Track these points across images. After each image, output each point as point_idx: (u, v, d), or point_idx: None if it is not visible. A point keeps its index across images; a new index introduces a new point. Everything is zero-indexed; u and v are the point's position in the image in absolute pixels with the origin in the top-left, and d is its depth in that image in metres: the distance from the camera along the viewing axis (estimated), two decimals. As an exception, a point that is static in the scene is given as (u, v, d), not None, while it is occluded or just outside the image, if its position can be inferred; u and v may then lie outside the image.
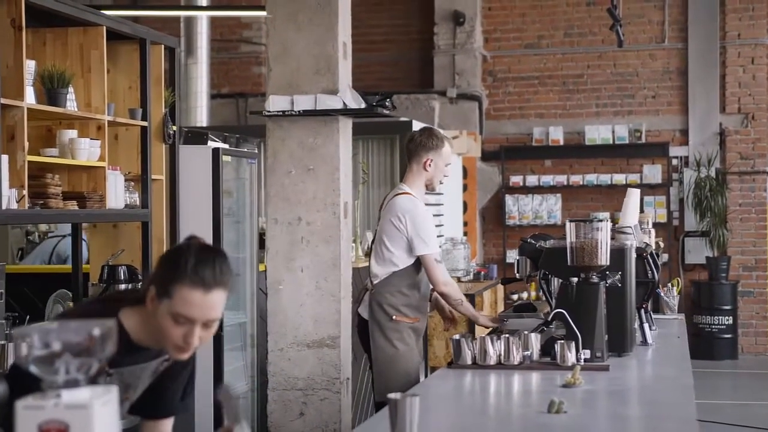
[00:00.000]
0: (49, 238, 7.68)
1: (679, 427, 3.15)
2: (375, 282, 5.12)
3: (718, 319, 12.17)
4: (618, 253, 4.55)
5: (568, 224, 4.47)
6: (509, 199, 12.89)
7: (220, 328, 6.14)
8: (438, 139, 5.21)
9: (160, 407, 2.86)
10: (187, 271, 2.52)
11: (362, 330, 5.26)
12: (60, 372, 1.77)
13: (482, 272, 10.70)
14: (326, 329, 5.65)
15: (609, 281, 4.52)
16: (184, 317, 2.52)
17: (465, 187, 12.28)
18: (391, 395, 2.76)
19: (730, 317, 12.19)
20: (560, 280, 4.59)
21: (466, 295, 9.17)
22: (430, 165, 5.17)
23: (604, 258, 4.40)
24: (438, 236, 10.10)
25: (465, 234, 12.02)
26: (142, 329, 2.63)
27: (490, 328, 5.02)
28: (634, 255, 4.72)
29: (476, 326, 6.38)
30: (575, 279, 4.41)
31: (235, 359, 6.64)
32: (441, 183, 5.36)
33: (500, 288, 11.00)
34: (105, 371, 2.52)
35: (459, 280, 10.33)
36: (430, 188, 5.28)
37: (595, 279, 4.42)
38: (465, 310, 5.17)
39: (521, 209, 12.88)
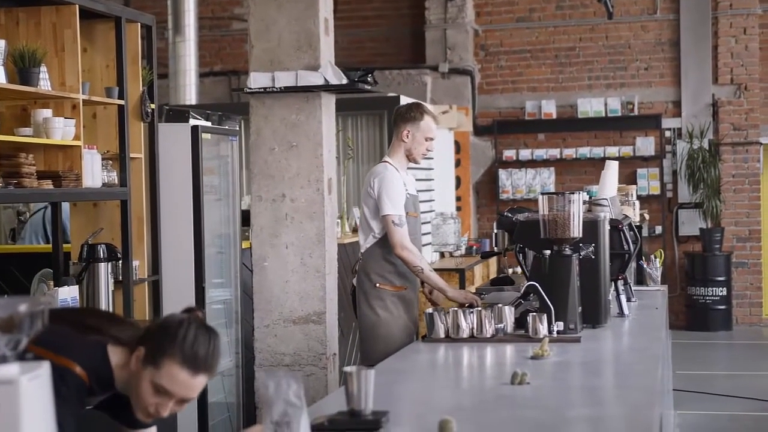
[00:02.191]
0: (34, 214, 7.68)
1: (638, 397, 3.16)
2: (362, 251, 5.23)
3: (712, 291, 12.18)
4: (591, 225, 4.56)
5: (540, 197, 4.48)
6: (503, 174, 12.89)
7: (202, 304, 6.16)
8: (417, 111, 5.25)
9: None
10: (182, 349, 2.53)
11: (353, 297, 5.38)
12: (-12, 348, 1.78)
13: (475, 246, 10.73)
14: (312, 305, 5.66)
15: (582, 253, 4.52)
16: (165, 391, 2.54)
17: (458, 162, 12.28)
18: (346, 368, 2.78)
19: (724, 288, 12.20)
20: (534, 253, 4.59)
21: (457, 270, 9.25)
22: (407, 136, 5.23)
23: (576, 230, 4.41)
24: (429, 211, 10.14)
25: (458, 209, 12.03)
26: (122, 373, 2.62)
27: (462, 303, 5.00)
28: (607, 227, 4.72)
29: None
30: (548, 251, 4.42)
31: (220, 336, 6.66)
32: (425, 156, 5.37)
33: (492, 262, 11.02)
34: (86, 406, 2.55)
35: (451, 254, 10.35)
36: (411, 160, 5.29)
37: (567, 251, 4.43)
38: (427, 279, 5.17)
39: (515, 183, 12.87)
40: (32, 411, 1.78)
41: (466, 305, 4.86)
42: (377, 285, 5.17)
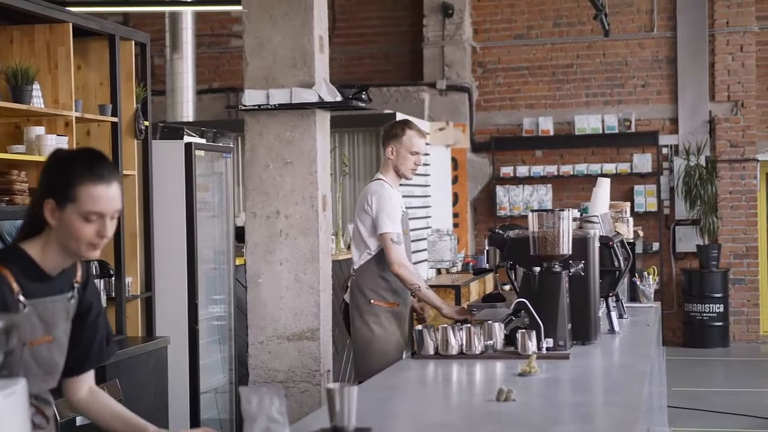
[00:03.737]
0: None
1: (622, 414, 3.17)
2: (355, 267, 5.27)
3: (710, 307, 12.17)
4: (581, 243, 4.56)
5: (530, 214, 4.49)
6: (500, 190, 12.90)
7: (195, 321, 6.17)
8: (399, 128, 5.34)
9: (87, 357, 2.90)
10: (86, 172, 2.63)
11: (346, 315, 5.42)
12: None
13: (471, 263, 10.73)
14: (306, 322, 5.67)
15: (572, 270, 4.53)
16: (95, 213, 2.63)
17: (455, 179, 12.30)
18: (329, 385, 2.79)
19: (722, 305, 12.20)
20: (524, 270, 4.60)
21: (453, 286, 9.25)
22: (393, 153, 5.34)
23: (566, 247, 4.42)
24: (425, 228, 10.15)
25: (456, 225, 12.05)
26: (45, 254, 2.70)
27: (455, 320, 5.03)
28: (597, 244, 4.73)
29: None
30: (537, 268, 4.42)
31: (213, 352, 6.68)
32: (414, 171, 5.40)
33: (489, 279, 11.02)
34: (21, 304, 2.63)
35: (447, 271, 10.36)
36: (401, 176, 5.34)
37: (557, 268, 4.44)
38: (424, 297, 5.22)
39: (512, 200, 12.89)
40: (7, 428, 1.79)
41: (460, 321, 4.88)
42: (371, 301, 5.21)
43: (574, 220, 4.73)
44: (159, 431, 2.85)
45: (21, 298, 2.63)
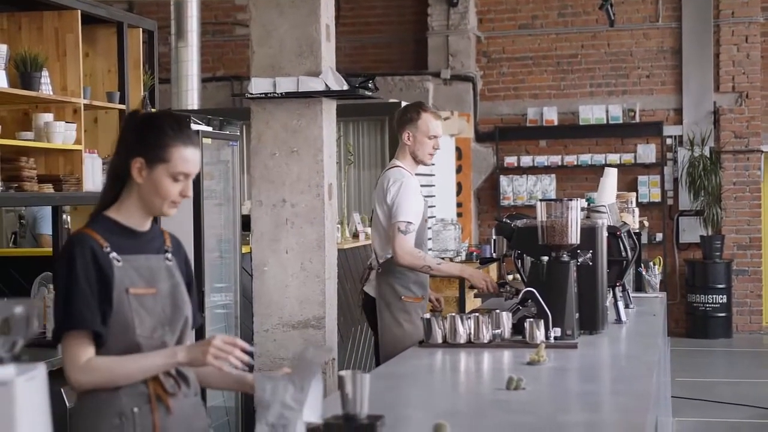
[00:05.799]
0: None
1: (632, 403, 3.17)
2: (381, 261, 5.13)
3: (713, 298, 12.19)
4: (589, 232, 4.57)
5: (538, 204, 4.49)
6: (504, 180, 12.90)
7: (201, 309, 6.18)
8: (414, 111, 5.18)
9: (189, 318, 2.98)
10: (178, 134, 2.79)
11: (370, 308, 5.26)
12: (-17, 350, 1.81)
13: (475, 252, 10.73)
14: (311, 310, 5.67)
15: (580, 260, 4.53)
16: (184, 173, 2.79)
17: (459, 169, 12.30)
18: (341, 372, 2.79)
19: (725, 296, 12.21)
20: (532, 259, 4.60)
21: (457, 276, 9.22)
22: (409, 138, 5.19)
23: (574, 237, 4.42)
24: (430, 217, 10.14)
25: (459, 215, 12.05)
26: (125, 213, 2.84)
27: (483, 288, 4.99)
28: (605, 234, 4.73)
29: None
30: (546, 258, 4.43)
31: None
32: (431, 155, 5.30)
33: (493, 268, 11.02)
34: (114, 258, 2.77)
35: (451, 260, 10.35)
36: (419, 162, 5.25)
37: (565, 258, 4.44)
38: (439, 273, 5.15)
39: (516, 190, 12.89)
40: (28, 412, 1.79)
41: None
42: (402, 297, 5.11)
43: (582, 209, 4.73)
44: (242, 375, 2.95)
45: (113, 253, 2.77)
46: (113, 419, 2.77)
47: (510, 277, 10.76)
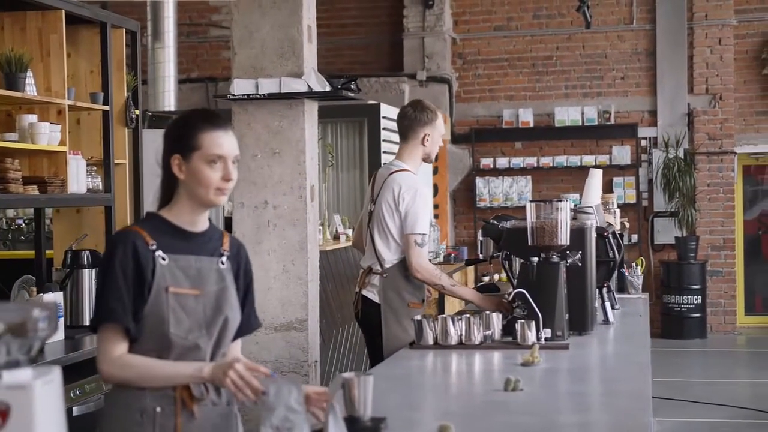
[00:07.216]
0: None
1: (632, 404, 3.18)
2: (387, 266, 4.93)
3: (687, 299, 12.27)
4: (578, 233, 4.58)
5: (528, 204, 4.49)
6: (480, 182, 12.93)
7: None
8: (431, 112, 5.00)
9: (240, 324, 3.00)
10: (203, 121, 2.85)
11: (370, 312, 5.01)
12: (0, 353, 1.78)
13: (452, 254, 10.75)
14: (294, 312, 5.66)
15: (569, 261, 4.54)
16: (217, 155, 2.82)
17: (435, 170, 12.30)
18: (345, 374, 2.78)
19: (699, 296, 12.30)
20: (521, 260, 4.61)
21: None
22: (427, 140, 4.99)
23: (564, 238, 4.43)
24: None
25: (436, 216, 12.05)
26: (177, 212, 2.88)
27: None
28: (594, 235, 4.75)
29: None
30: (535, 259, 4.43)
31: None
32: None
33: (470, 270, 11.05)
34: (159, 256, 2.81)
35: (429, 261, 10.36)
36: (427, 162, 5.13)
37: (555, 259, 4.45)
38: (452, 294, 5.00)
39: (492, 191, 12.92)
40: (45, 415, 1.77)
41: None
42: (410, 304, 4.94)
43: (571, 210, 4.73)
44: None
45: (158, 251, 2.81)
46: (135, 415, 2.80)
47: (497, 277, 10.75)
